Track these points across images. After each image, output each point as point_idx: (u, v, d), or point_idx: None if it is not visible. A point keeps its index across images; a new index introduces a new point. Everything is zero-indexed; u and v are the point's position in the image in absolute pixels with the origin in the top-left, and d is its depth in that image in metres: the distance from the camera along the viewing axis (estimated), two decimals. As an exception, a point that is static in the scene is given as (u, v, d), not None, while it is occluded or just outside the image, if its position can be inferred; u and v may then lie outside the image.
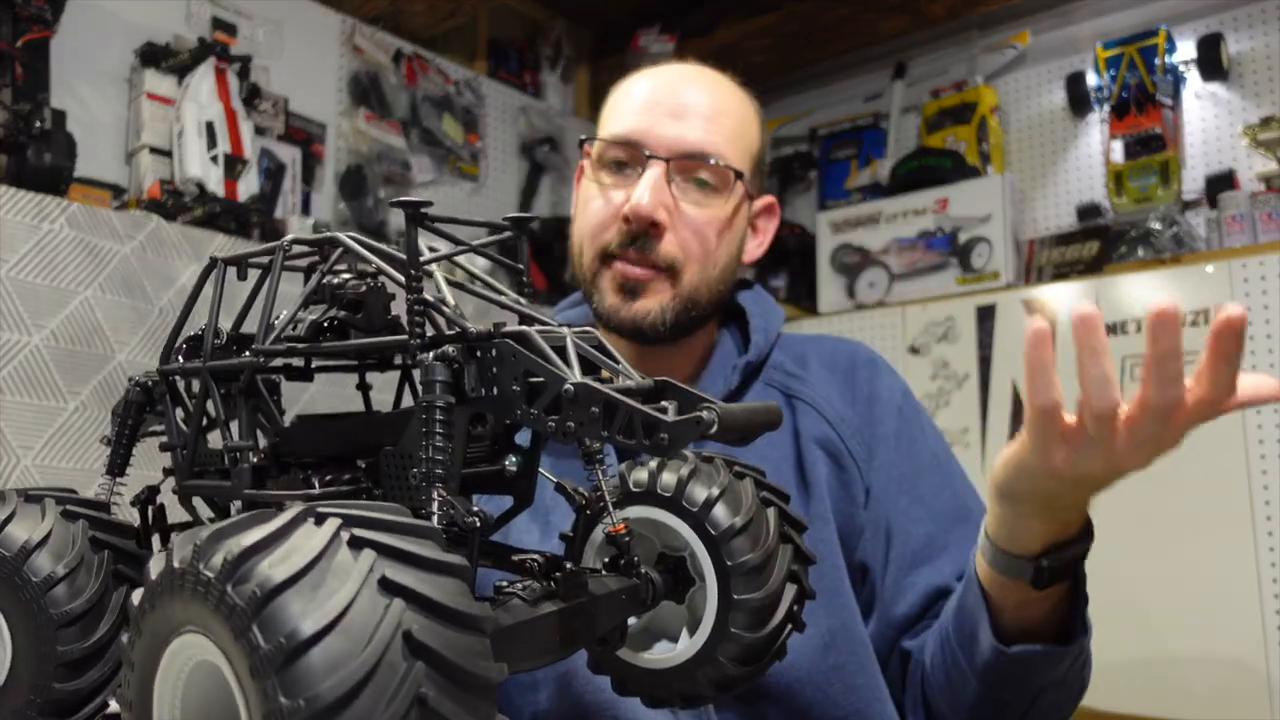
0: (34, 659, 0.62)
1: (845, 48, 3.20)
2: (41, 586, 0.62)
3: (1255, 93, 2.59)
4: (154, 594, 0.42)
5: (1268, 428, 2.13)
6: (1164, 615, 2.21)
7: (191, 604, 0.39)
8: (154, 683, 0.43)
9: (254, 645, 0.35)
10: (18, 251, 1.85)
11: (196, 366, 0.65)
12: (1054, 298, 2.51)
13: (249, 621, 0.36)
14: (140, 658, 0.43)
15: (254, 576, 0.37)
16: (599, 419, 0.50)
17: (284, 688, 0.35)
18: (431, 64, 2.99)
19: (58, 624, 0.62)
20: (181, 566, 0.40)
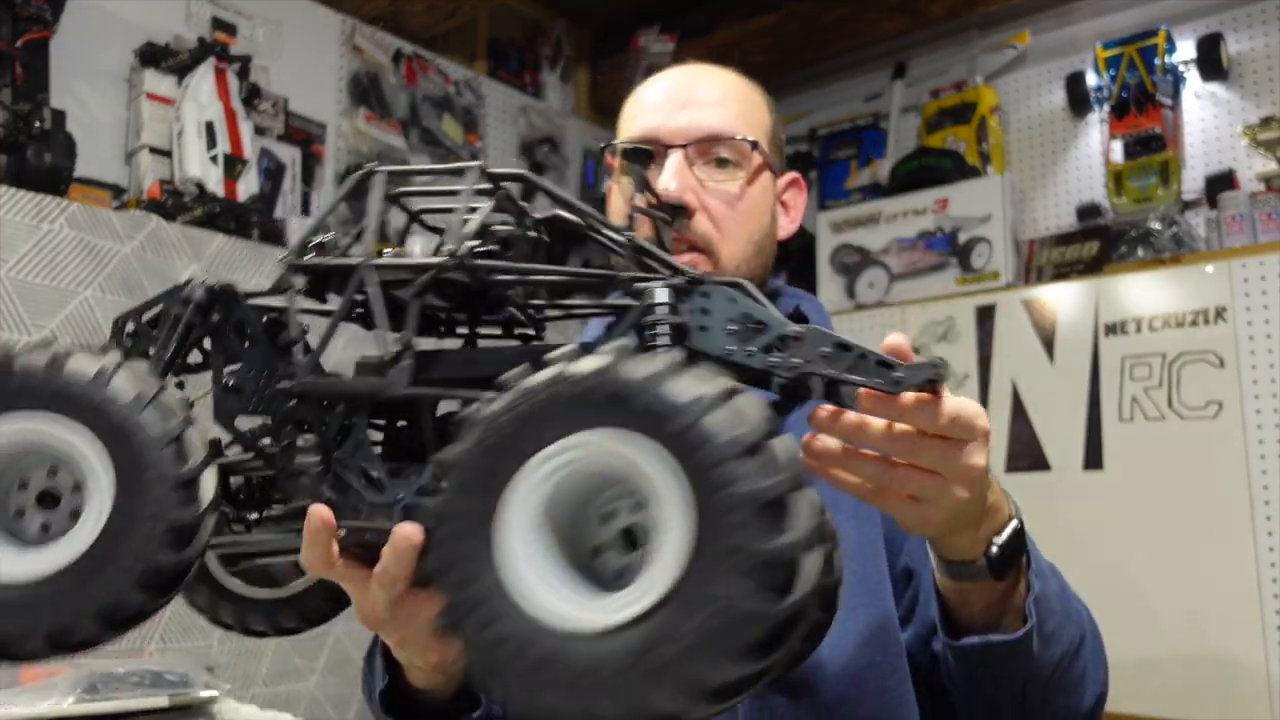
0: (136, 521, 0.56)
1: (845, 48, 3.20)
2: (155, 442, 0.57)
3: (1255, 93, 2.59)
4: (541, 405, 0.49)
5: (1267, 428, 2.14)
6: (1164, 615, 2.21)
7: (618, 413, 0.48)
8: (507, 484, 0.49)
9: (705, 439, 0.45)
10: (17, 251, 1.85)
11: (357, 262, 0.64)
12: (1054, 297, 2.51)
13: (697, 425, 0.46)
14: (487, 465, 0.50)
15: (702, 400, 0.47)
16: (830, 358, 0.56)
17: (739, 474, 0.45)
18: (431, 64, 2.99)
19: (172, 484, 0.57)
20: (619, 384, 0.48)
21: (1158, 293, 2.34)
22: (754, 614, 0.45)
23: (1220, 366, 2.21)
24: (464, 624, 0.50)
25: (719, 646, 0.45)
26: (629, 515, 0.51)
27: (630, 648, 0.46)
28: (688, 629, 0.45)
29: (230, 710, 1.52)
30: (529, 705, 0.48)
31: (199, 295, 0.67)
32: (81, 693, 1.37)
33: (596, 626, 0.47)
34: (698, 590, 0.45)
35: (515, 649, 0.48)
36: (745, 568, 0.44)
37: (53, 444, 0.58)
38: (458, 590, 0.50)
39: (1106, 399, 2.36)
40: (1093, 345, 2.41)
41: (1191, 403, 2.24)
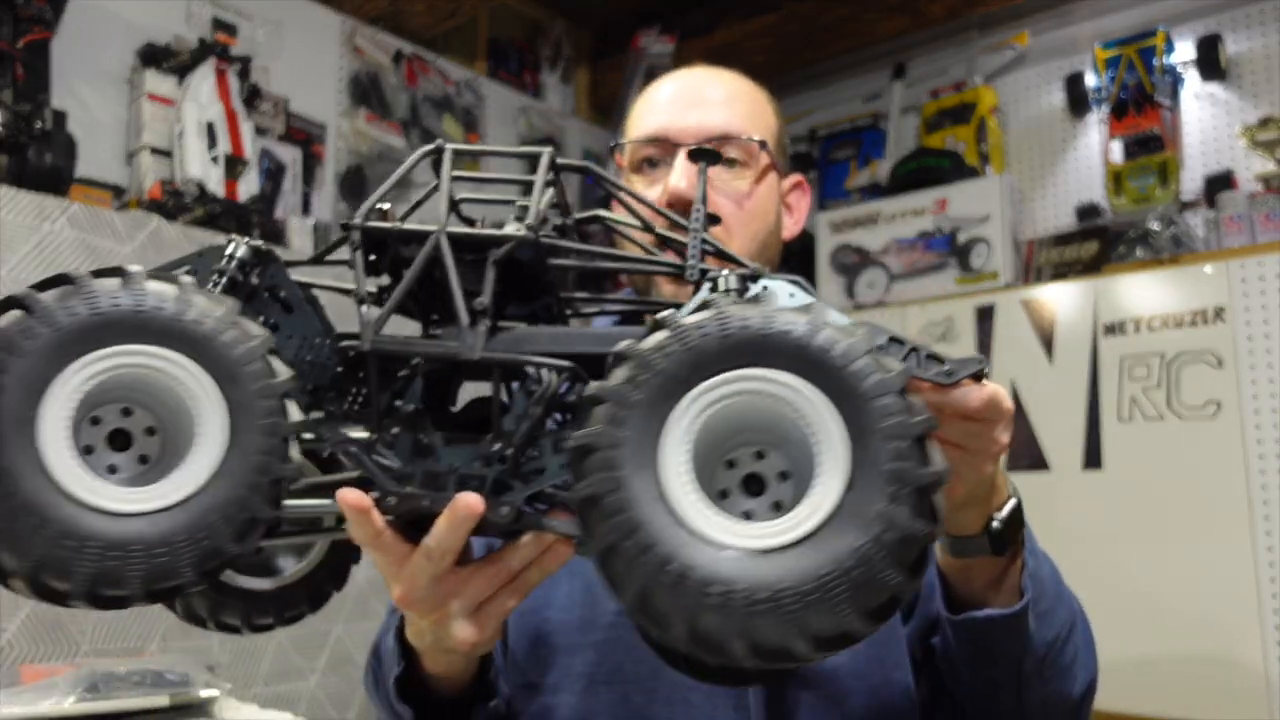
0: (244, 470, 0.55)
1: (845, 48, 3.21)
2: (270, 393, 0.56)
3: (1254, 93, 2.59)
4: (708, 341, 0.53)
5: (1266, 428, 2.14)
6: (1163, 615, 2.21)
7: (753, 351, 0.52)
8: (674, 406, 0.52)
9: (863, 380, 0.51)
10: (18, 252, 1.85)
11: (429, 229, 0.64)
12: (1053, 297, 2.52)
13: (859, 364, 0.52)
14: (643, 421, 0.52)
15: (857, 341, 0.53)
16: (883, 350, 0.58)
17: (895, 411, 0.51)
18: (431, 64, 3.00)
19: (281, 437, 0.57)
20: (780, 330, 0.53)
21: (1157, 293, 2.34)
22: (912, 534, 0.49)
23: (1219, 367, 2.22)
24: (623, 548, 0.50)
25: (882, 565, 0.48)
26: (752, 463, 0.55)
27: (795, 568, 0.49)
28: (852, 549, 0.49)
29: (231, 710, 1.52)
30: (690, 628, 0.50)
31: (242, 252, 0.66)
32: (82, 692, 1.37)
33: (761, 547, 0.50)
34: (859, 514, 0.49)
35: (679, 571, 0.49)
36: (904, 493, 0.49)
37: (164, 380, 0.56)
38: (617, 515, 0.51)
39: (1105, 399, 2.37)
40: (1092, 345, 2.41)
41: (1190, 403, 2.24)
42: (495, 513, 0.62)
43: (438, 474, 0.64)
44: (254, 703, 1.63)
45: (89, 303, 0.55)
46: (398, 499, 0.63)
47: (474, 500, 0.61)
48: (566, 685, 1.00)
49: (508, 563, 0.67)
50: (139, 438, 0.59)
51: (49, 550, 0.52)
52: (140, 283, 0.56)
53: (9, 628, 1.77)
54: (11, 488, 0.52)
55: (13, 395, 0.53)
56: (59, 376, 0.54)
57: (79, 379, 0.54)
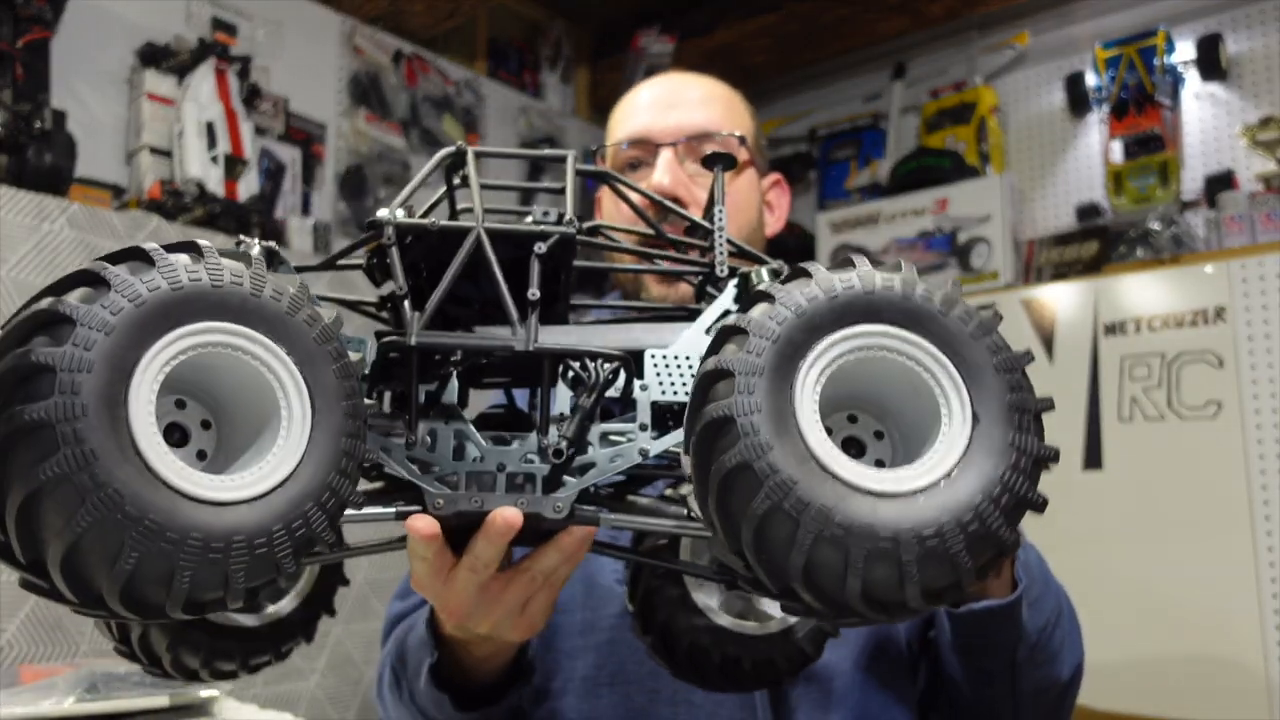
0: (330, 449, 0.52)
1: (845, 48, 3.21)
2: (348, 373, 0.54)
3: (1254, 93, 2.59)
4: (842, 298, 0.55)
5: (1266, 428, 2.14)
6: (1163, 615, 2.21)
7: (891, 311, 0.55)
8: (798, 368, 0.54)
9: (976, 331, 0.56)
10: (18, 252, 1.85)
11: (468, 225, 0.64)
12: (1053, 297, 2.52)
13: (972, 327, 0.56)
14: (781, 355, 0.54)
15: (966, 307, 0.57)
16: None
17: (1005, 353, 0.56)
18: (431, 64, 3.00)
19: (361, 418, 0.54)
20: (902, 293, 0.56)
21: (1157, 293, 2.34)
22: (1028, 502, 0.53)
23: (1219, 366, 2.21)
24: (751, 470, 0.51)
25: (993, 524, 0.51)
26: (847, 427, 0.59)
27: (917, 514, 0.51)
28: (971, 503, 0.51)
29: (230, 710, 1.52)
30: (809, 563, 0.50)
31: (256, 254, 0.64)
32: (82, 692, 1.37)
33: (889, 490, 0.52)
34: (980, 473, 0.52)
35: (822, 511, 0.50)
36: (1025, 463, 0.53)
37: (243, 362, 0.52)
38: (749, 435, 0.52)
39: (1106, 399, 2.37)
40: (1092, 345, 2.41)
41: (1191, 403, 2.24)
42: (550, 510, 0.61)
43: (484, 474, 0.62)
44: (254, 703, 1.63)
45: (169, 278, 0.50)
46: (445, 501, 0.61)
47: (511, 515, 0.60)
48: (570, 688, 1.00)
49: (544, 565, 0.67)
50: (195, 432, 0.55)
51: (149, 547, 0.46)
52: (215, 257, 0.52)
53: (9, 628, 1.77)
54: (104, 476, 0.45)
55: (100, 375, 0.47)
56: (145, 356, 0.49)
57: (163, 359, 0.49)
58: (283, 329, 0.52)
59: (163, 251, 0.51)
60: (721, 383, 0.53)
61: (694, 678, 0.78)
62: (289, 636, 0.72)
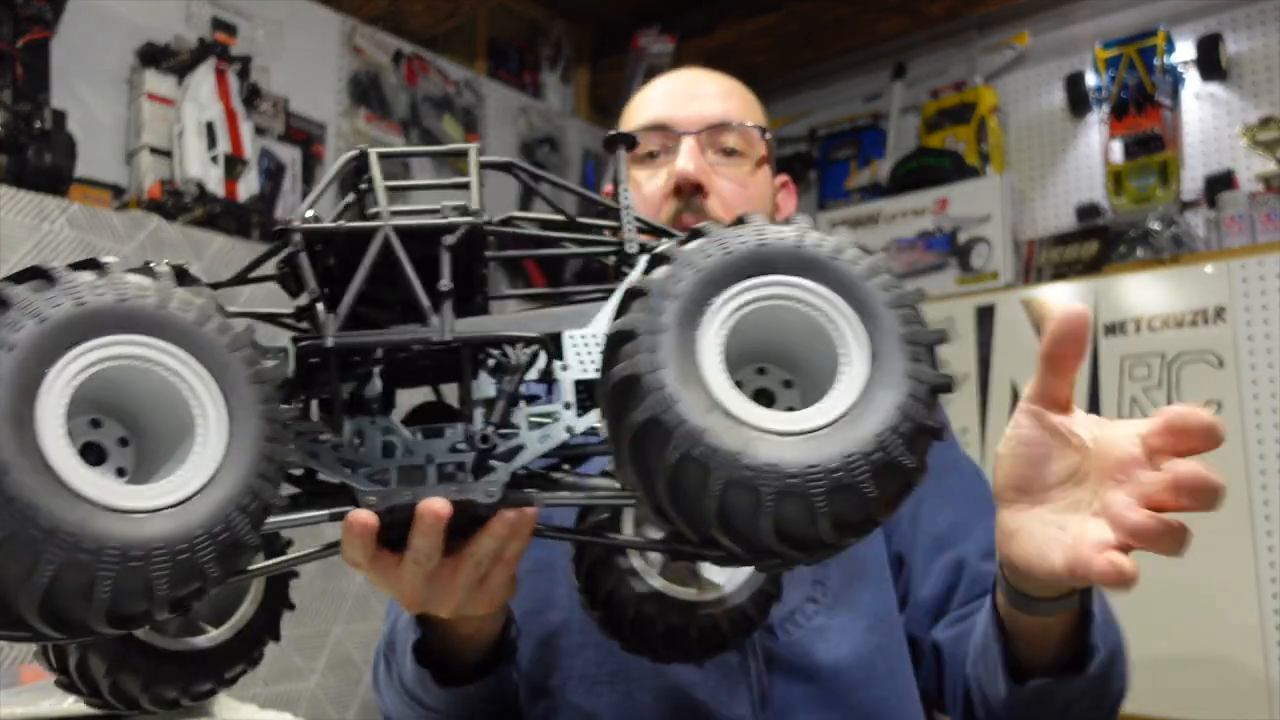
0: (249, 455, 0.53)
1: (845, 48, 3.21)
2: (267, 378, 0.55)
3: (1254, 93, 2.59)
4: (747, 251, 0.57)
5: (1266, 428, 2.14)
6: (1163, 615, 2.21)
7: (785, 261, 0.57)
8: (699, 322, 0.56)
9: (885, 293, 0.57)
10: (18, 252, 1.85)
11: (375, 225, 0.64)
12: (1053, 297, 2.52)
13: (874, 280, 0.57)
14: (683, 311, 0.56)
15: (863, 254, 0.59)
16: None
17: (914, 321, 0.58)
18: (431, 64, 3.00)
19: (281, 422, 0.54)
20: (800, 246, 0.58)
21: (1157, 293, 2.34)
22: (926, 428, 0.55)
23: (1219, 366, 2.21)
24: (661, 421, 0.52)
25: (896, 452, 0.53)
26: (756, 379, 0.60)
27: (823, 449, 0.53)
28: (873, 434, 0.53)
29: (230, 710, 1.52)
30: (721, 509, 0.52)
31: (163, 269, 0.63)
32: (82, 692, 1.37)
33: (793, 429, 0.54)
34: (879, 405, 0.54)
35: (731, 455, 0.52)
36: (920, 390, 0.55)
37: (155, 374, 0.52)
38: (656, 390, 0.53)
39: (1106, 399, 2.37)
40: (1092, 345, 2.41)
41: (1191, 402, 2.24)
42: (482, 494, 0.61)
43: (414, 468, 0.63)
44: (254, 703, 1.63)
45: (71, 294, 0.50)
46: (377, 498, 0.61)
47: (439, 505, 0.60)
48: (570, 686, 1.00)
49: (482, 549, 0.67)
50: (113, 449, 0.55)
51: (65, 558, 0.45)
52: (119, 273, 0.53)
53: (9, 628, 1.77)
54: (13, 490, 0.45)
55: (5, 392, 0.47)
56: (50, 371, 0.49)
57: (70, 373, 0.50)
58: (192, 339, 0.53)
59: (65, 269, 0.51)
60: (626, 344, 0.54)
61: (643, 649, 0.79)
62: (232, 661, 0.71)
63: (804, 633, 1.00)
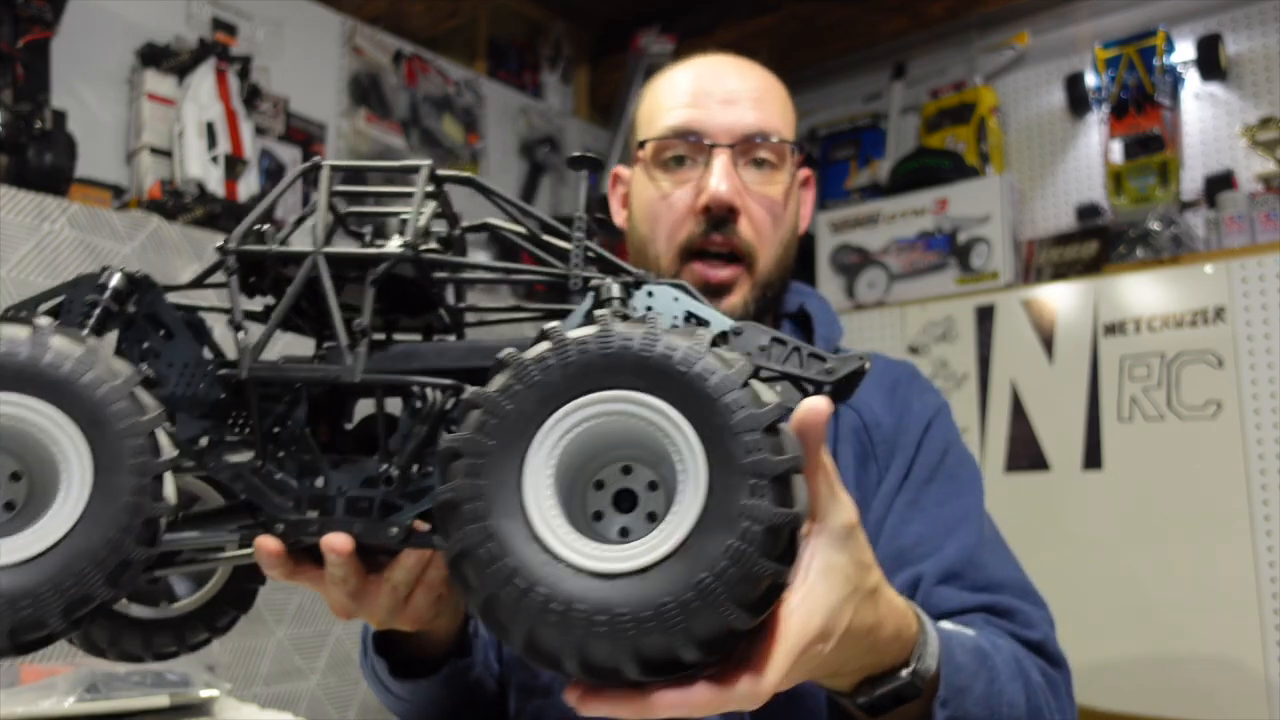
0: (113, 513, 0.54)
1: (845, 48, 3.21)
2: (136, 431, 0.55)
3: (1254, 93, 2.59)
4: (580, 359, 0.53)
5: (1266, 428, 2.14)
6: (1162, 615, 2.21)
7: (631, 372, 0.52)
8: (529, 446, 0.52)
9: (730, 413, 0.51)
10: (18, 252, 1.85)
11: (305, 251, 0.64)
12: (1053, 297, 2.52)
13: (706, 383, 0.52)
14: (512, 432, 0.52)
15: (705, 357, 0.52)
16: (767, 351, 0.60)
17: (757, 448, 0.50)
18: (431, 64, 3.00)
19: (151, 476, 0.55)
20: (633, 347, 0.52)
21: (1157, 293, 2.34)
22: (756, 574, 0.49)
23: (1219, 366, 2.21)
24: (475, 555, 0.51)
25: (719, 600, 0.49)
26: (620, 479, 0.56)
27: (636, 593, 0.50)
28: (692, 582, 0.49)
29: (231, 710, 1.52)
30: (529, 642, 0.51)
31: (116, 281, 0.65)
32: (82, 692, 1.37)
33: (607, 570, 0.51)
34: (708, 546, 0.50)
35: (527, 582, 0.50)
36: (754, 532, 0.49)
37: (22, 427, 0.55)
38: (475, 520, 0.51)
39: (1105, 399, 2.37)
40: (1092, 345, 2.41)
41: (1190, 403, 2.24)
42: (384, 535, 0.62)
43: (326, 497, 0.63)
44: (254, 703, 1.63)
45: None
46: (286, 525, 0.63)
47: (339, 543, 0.61)
48: (558, 686, 1.00)
49: (397, 578, 0.68)
50: (3, 484, 0.57)
51: None
52: (44, 342, 0.55)
53: (9, 628, 1.77)
54: None
55: None
56: None
57: None
58: (63, 393, 0.55)
59: None
60: (452, 463, 0.52)
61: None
62: (195, 629, 0.75)
63: None
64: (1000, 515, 1.27)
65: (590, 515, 0.55)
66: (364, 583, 0.67)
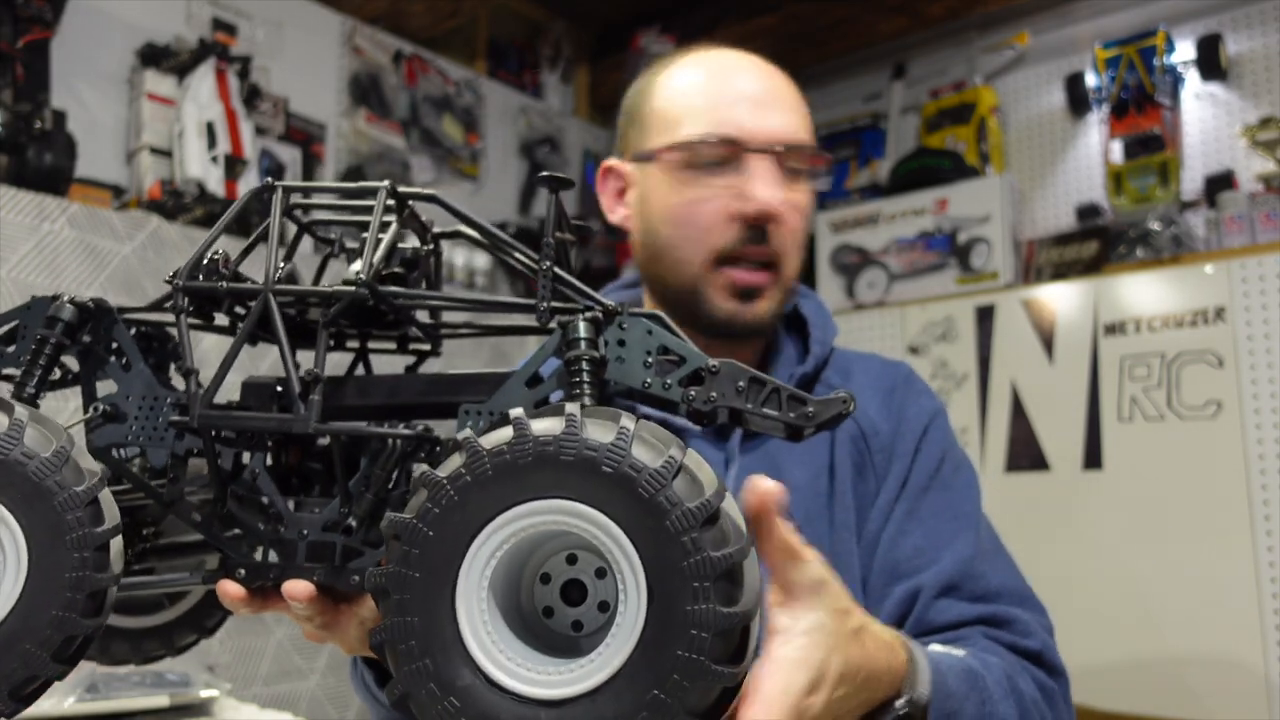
0: (54, 590, 0.53)
1: (845, 48, 3.21)
2: (75, 503, 0.53)
3: (1254, 93, 2.59)
4: (501, 468, 0.49)
5: (1266, 428, 2.14)
6: (1163, 615, 2.21)
7: (553, 478, 0.49)
8: (459, 569, 0.49)
9: (663, 513, 0.47)
10: (18, 252, 1.85)
11: (256, 288, 0.61)
12: (1053, 297, 2.52)
13: (661, 487, 0.48)
14: (449, 532, 0.49)
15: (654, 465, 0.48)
16: (744, 392, 0.57)
17: (696, 546, 0.47)
18: (431, 64, 3.00)
19: (93, 547, 0.53)
20: (569, 448, 0.48)
21: (1157, 293, 2.34)
22: (709, 682, 0.47)
23: (1219, 366, 2.21)
24: (418, 696, 0.49)
25: (670, 714, 0.47)
26: (566, 569, 0.53)
27: (589, 717, 0.48)
28: (642, 699, 0.47)
29: (231, 710, 1.52)
30: None
31: (68, 314, 0.62)
32: (82, 692, 1.37)
33: (555, 696, 0.48)
34: (656, 659, 0.47)
35: (475, 716, 0.48)
36: (699, 640, 0.46)
37: None
38: (411, 660, 0.49)
39: (1106, 399, 2.37)
40: (1092, 345, 2.41)
41: (1190, 403, 2.24)
42: (345, 581, 0.61)
43: (287, 541, 0.62)
44: (254, 703, 1.63)
45: None
46: (247, 571, 0.62)
47: (300, 590, 0.61)
48: None
49: (363, 614, 0.67)
50: None
51: None
52: None
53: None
54: None
55: None
56: None
57: None
58: (11, 483, 0.53)
59: None
60: (382, 602, 0.50)
61: None
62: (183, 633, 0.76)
63: None
64: (1000, 515, 1.27)
65: (541, 612, 0.53)
66: (334, 614, 0.66)
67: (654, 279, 1.08)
